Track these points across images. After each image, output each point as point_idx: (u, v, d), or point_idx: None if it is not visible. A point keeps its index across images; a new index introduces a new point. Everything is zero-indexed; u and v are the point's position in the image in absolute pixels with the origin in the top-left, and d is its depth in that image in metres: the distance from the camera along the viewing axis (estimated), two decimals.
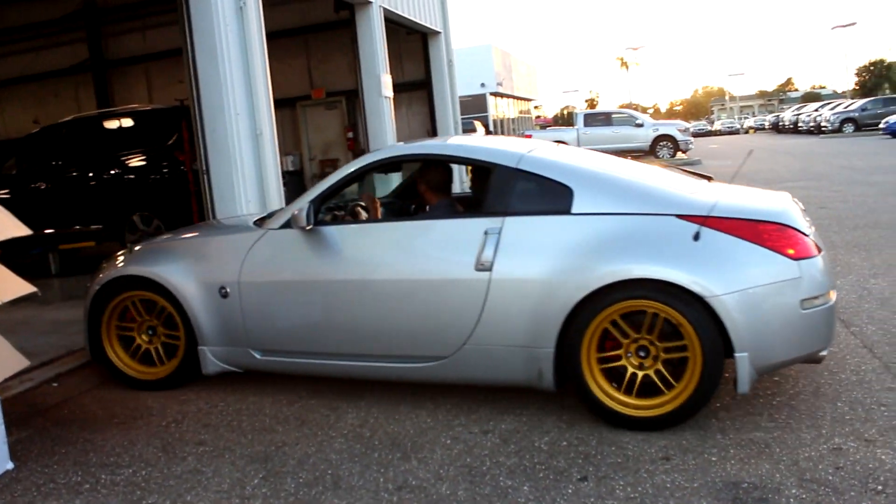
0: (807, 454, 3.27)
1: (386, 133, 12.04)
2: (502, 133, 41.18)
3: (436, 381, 4.08)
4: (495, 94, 41.90)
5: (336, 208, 4.77)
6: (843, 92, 63.17)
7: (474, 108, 35.44)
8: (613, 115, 27.34)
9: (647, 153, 25.50)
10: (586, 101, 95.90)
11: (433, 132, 16.05)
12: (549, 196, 3.77)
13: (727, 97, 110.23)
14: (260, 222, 4.62)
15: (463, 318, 3.81)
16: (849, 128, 38.06)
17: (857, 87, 53.89)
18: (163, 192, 9.58)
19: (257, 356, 4.40)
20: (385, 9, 12.26)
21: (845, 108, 40.18)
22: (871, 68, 51.79)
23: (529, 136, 29.07)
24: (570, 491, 3.09)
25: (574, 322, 3.58)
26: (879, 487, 2.96)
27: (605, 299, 3.51)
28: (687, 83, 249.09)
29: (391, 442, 3.72)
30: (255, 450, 3.73)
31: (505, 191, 3.86)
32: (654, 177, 4.06)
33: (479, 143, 4.49)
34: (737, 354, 3.38)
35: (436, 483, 3.24)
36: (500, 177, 3.91)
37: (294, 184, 14.35)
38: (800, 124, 44.04)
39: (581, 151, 4.69)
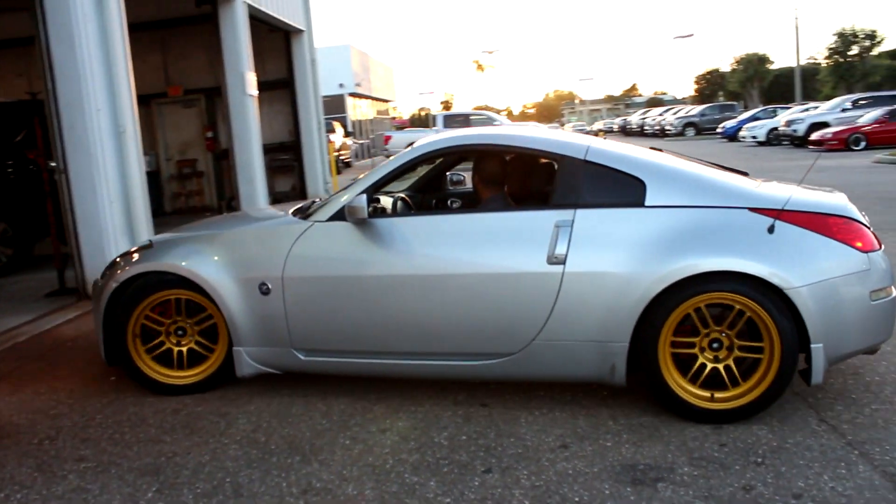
0: (693, 434, 3.49)
1: (250, 132, 11.72)
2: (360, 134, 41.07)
3: (501, 378, 3.92)
4: (353, 95, 41.76)
5: (375, 200, 4.34)
6: (684, 98, 67.61)
7: (333, 109, 35.09)
8: (472, 117, 27.80)
9: None
10: (441, 102, 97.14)
11: (296, 132, 15.79)
12: (621, 188, 3.69)
13: (577, 101, 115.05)
14: (300, 213, 4.29)
15: (534, 312, 3.67)
16: (690, 131, 40.83)
17: (696, 94, 57.73)
18: (11, 193, 8.88)
19: (301, 357, 4.10)
20: (249, 5, 11.93)
21: (687, 112, 43.05)
22: (708, 77, 55.69)
23: (389, 138, 29.12)
24: (476, 483, 3.14)
25: (651, 315, 3.52)
26: (759, 460, 3.21)
27: (684, 292, 3.47)
28: (539, 87, 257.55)
29: (288, 445, 3.63)
30: (143, 462, 3.53)
31: (574, 183, 3.74)
32: (714, 171, 3.98)
33: (541, 134, 4.25)
34: (813, 345, 3.41)
35: (341, 484, 3.20)
36: (567, 168, 3.79)
37: (150, 185, 13.66)
38: (646, 127, 46.72)
39: (632, 146, 4.39)
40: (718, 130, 36.43)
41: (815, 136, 23.95)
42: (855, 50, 32.70)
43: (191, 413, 4.10)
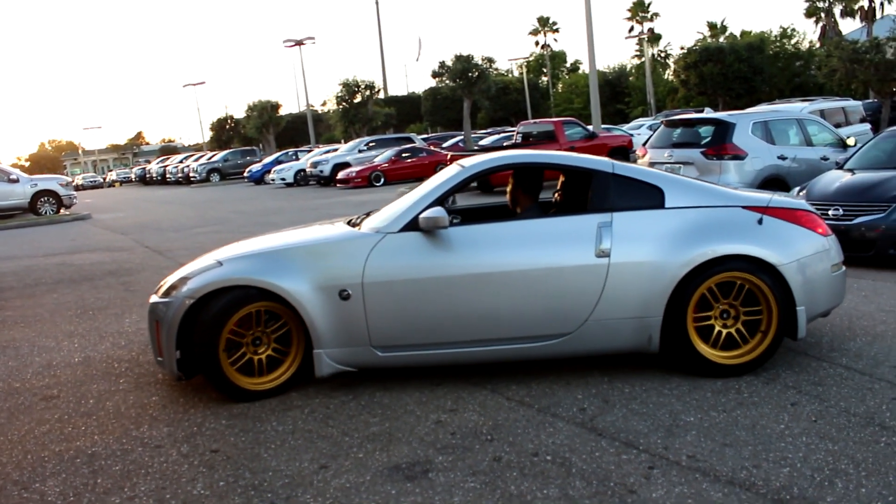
0: (424, 431, 3.92)
1: None
2: None
3: (558, 356, 4.53)
4: None
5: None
6: (199, 144, 67.85)
7: None
8: None
9: (27, 211, 23.43)
10: None
11: None
12: (645, 195, 4.54)
13: (80, 151, 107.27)
14: (355, 224, 4.91)
15: (586, 297, 4.38)
16: (215, 177, 41.39)
17: (212, 140, 58.57)
18: None
19: (379, 353, 4.49)
20: None
21: (209, 159, 43.51)
22: (226, 123, 56.97)
23: None
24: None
25: (680, 293, 4.33)
26: (489, 437, 3.77)
27: (704, 273, 4.33)
28: (32, 137, 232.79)
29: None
30: None
31: (607, 192, 4.54)
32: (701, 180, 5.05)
33: (572, 154, 5.04)
34: (798, 308, 4.42)
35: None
36: (600, 181, 4.58)
37: None
38: (168, 175, 45.91)
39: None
40: (245, 175, 37.67)
41: (341, 174, 26.51)
42: (359, 98, 36.96)
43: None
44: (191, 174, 42.35)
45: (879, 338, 5.06)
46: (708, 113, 13.69)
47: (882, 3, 48.94)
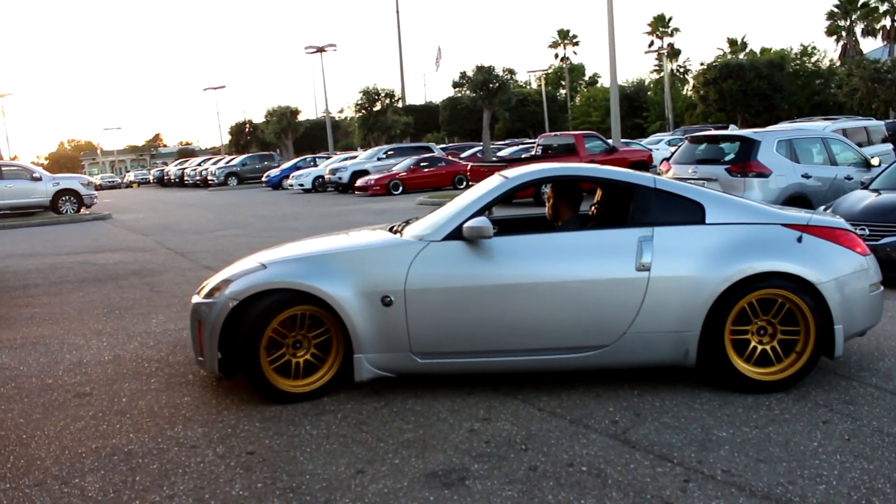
0: (458, 439, 3.97)
1: None
2: None
3: (596, 367, 4.54)
4: None
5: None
6: (217, 148, 68.37)
7: None
8: (4, 169, 24.58)
9: (48, 209, 23.69)
10: None
11: None
12: (686, 210, 4.57)
13: (99, 151, 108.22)
14: (397, 231, 4.98)
15: (625, 310, 4.40)
16: (233, 181, 41.61)
17: (230, 145, 58.97)
18: None
19: (418, 360, 4.54)
20: None
21: (227, 163, 43.72)
22: (245, 127, 57.37)
23: None
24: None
25: (718, 309, 4.35)
26: (523, 447, 3.80)
27: (743, 289, 4.35)
28: (52, 135, 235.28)
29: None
30: None
31: (648, 206, 4.57)
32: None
33: (613, 168, 5.09)
34: (836, 327, 4.41)
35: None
36: (642, 195, 4.61)
37: None
38: (186, 178, 46.21)
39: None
40: (263, 180, 37.88)
41: (359, 182, 26.62)
42: (378, 106, 37.16)
43: None
44: (209, 177, 42.62)
45: None
46: (732, 130, 13.65)
47: None
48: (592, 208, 5.64)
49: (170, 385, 5.11)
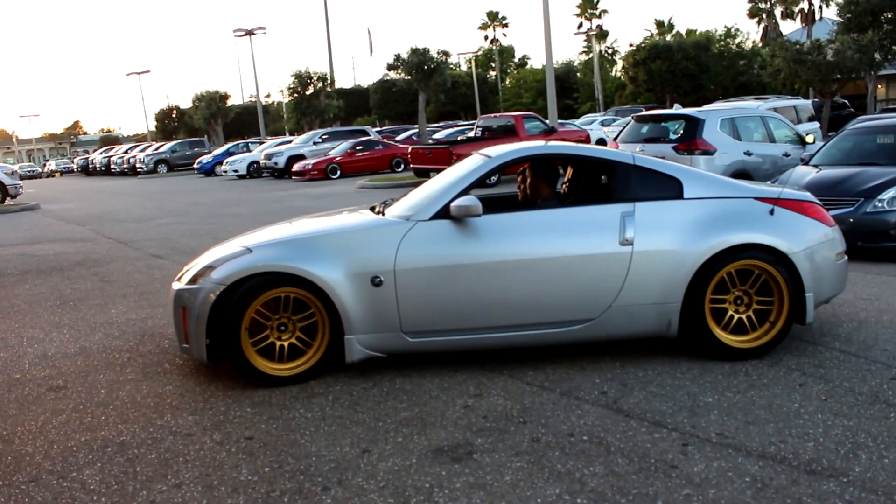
0: (455, 416, 4.02)
1: None
2: None
3: (583, 340, 4.68)
4: None
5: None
6: (142, 134, 66.26)
7: None
8: None
9: None
10: None
11: None
12: (664, 186, 4.72)
13: (14, 139, 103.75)
14: (379, 212, 4.97)
15: (610, 284, 4.54)
16: (163, 168, 40.54)
17: (158, 131, 57.27)
18: None
19: (409, 339, 4.59)
20: None
21: (156, 150, 42.52)
22: (172, 113, 55.75)
23: None
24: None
25: (698, 280, 4.52)
26: (521, 420, 3.88)
27: (722, 260, 4.52)
28: None
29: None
30: None
31: (629, 182, 4.70)
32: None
33: (593, 146, 5.28)
34: (807, 294, 4.62)
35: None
36: (621, 171, 4.74)
37: None
38: (112, 166, 44.74)
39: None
40: (195, 166, 37.01)
41: (296, 167, 26.29)
42: (311, 90, 36.61)
43: None
44: (137, 165, 41.37)
45: (864, 324, 5.34)
46: (677, 109, 14.04)
47: (821, 6, 50.57)
48: (563, 186, 5.75)
49: (147, 375, 5.02)
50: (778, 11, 53.62)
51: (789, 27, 52.83)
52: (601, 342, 4.82)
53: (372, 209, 5.22)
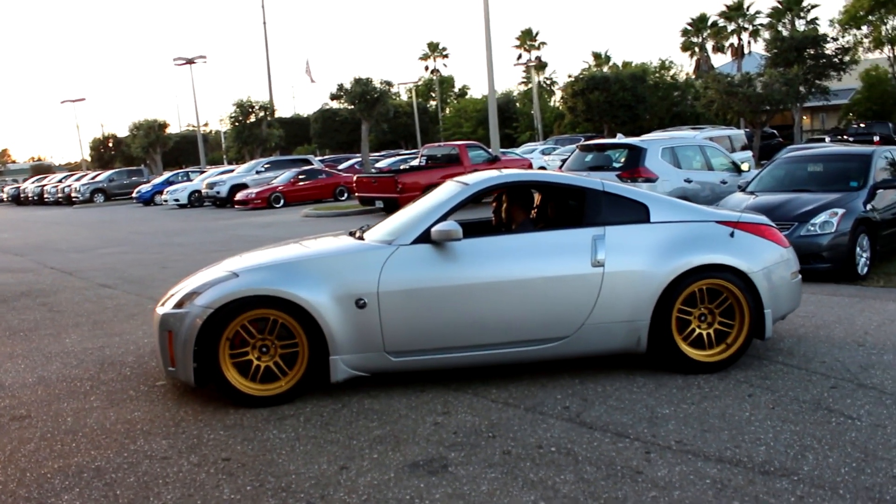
0: (426, 433, 4.16)
1: None
2: None
3: (558, 357, 4.88)
4: None
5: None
6: (76, 163, 64.70)
7: None
8: None
9: None
10: None
11: None
12: (632, 211, 5.00)
13: None
14: (358, 237, 5.19)
15: (583, 303, 4.77)
16: (100, 197, 39.60)
17: (94, 160, 56.05)
18: None
19: (392, 359, 4.73)
20: None
21: (92, 179, 41.54)
22: (108, 142, 54.64)
23: None
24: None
25: (665, 299, 4.79)
26: (490, 434, 4.05)
27: (687, 280, 4.82)
28: None
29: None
30: None
31: (599, 208, 4.98)
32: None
33: (564, 174, 5.81)
34: (766, 310, 4.93)
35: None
36: (592, 198, 5.01)
37: None
38: (46, 195, 43.51)
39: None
40: (133, 195, 36.32)
41: (239, 195, 26.09)
42: (253, 118, 36.44)
43: None
44: (72, 194, 40.29)
45: (803, 339, 5.70)
46: (620, 139, 14.54)
47: (749, 41, 52.90)
48: (533, 212, 6.00)
49: (113, 402, 5.02)
50: (709, 45, 55.85)
51: (720, 60, 55.00)
52: (569, 359, 5.04)
53: (351, 234, 5.39)
